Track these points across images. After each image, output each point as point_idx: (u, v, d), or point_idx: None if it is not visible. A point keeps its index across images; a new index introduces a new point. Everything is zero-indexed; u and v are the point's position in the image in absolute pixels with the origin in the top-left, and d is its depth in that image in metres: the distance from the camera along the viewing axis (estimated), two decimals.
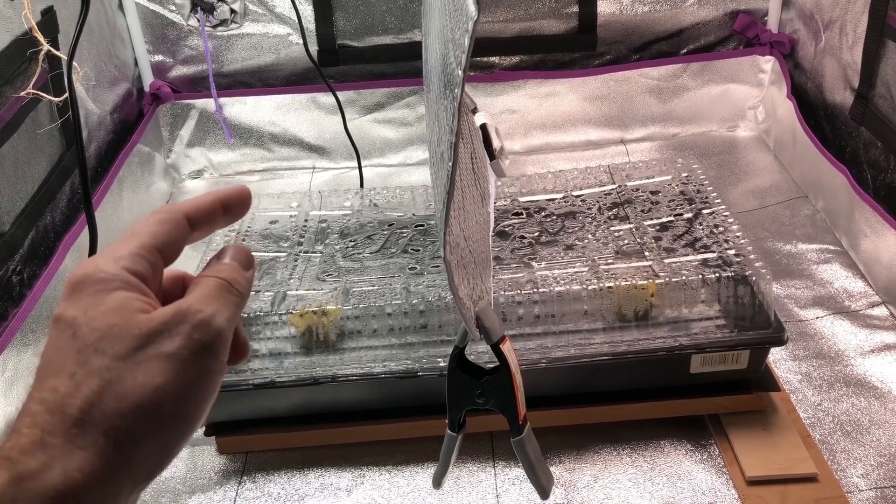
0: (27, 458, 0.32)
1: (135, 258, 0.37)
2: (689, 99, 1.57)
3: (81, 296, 0.36)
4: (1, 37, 1.01)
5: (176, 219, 0.39)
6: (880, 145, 1.16)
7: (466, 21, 0.54)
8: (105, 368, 0.34)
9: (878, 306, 1.12)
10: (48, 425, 0.32)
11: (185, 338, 0.35)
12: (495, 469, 0.93)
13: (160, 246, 0.38)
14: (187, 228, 0.40)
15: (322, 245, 1.06)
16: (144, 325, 0.35)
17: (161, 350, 0.35)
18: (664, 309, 0.92)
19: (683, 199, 1.06)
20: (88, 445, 0.32)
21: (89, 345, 0.34)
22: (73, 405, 0.33)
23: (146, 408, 0.34)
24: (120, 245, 0.38)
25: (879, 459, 0.90)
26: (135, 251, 0.37)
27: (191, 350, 0.35)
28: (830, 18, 1.32)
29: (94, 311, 0.35)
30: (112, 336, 0.34)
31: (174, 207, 0.40)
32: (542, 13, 1.52)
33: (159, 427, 0.34)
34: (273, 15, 1.51)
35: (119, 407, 0.33)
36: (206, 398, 0.36)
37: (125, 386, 0.33)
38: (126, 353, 0.34)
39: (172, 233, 0.39)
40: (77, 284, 0.36)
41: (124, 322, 0.35)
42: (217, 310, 0.37)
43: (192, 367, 0.35)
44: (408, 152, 1.59)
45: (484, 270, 0.72)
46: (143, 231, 0.38)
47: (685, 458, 0.92)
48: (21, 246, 1.03)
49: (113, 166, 1.34)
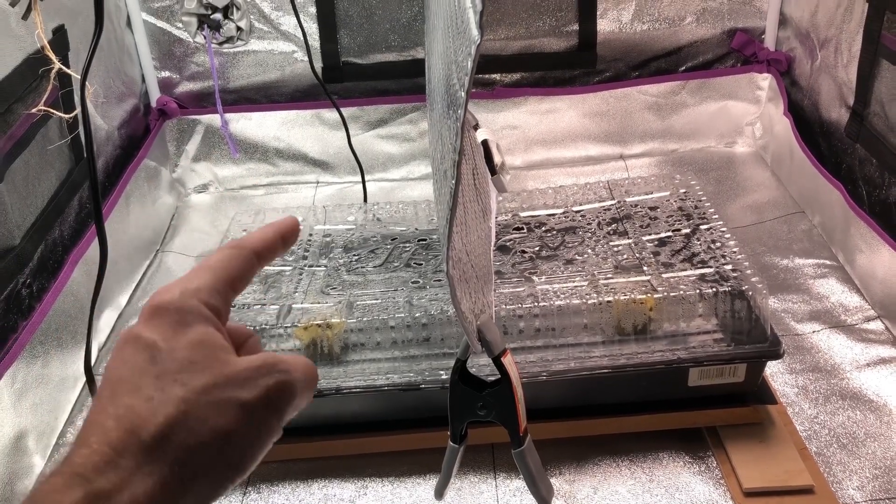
0: (100, 478, 0.32)
1: (212, 293, 0.38)
2: (688, 115, 1.59)
3: (161, 322, 0.36)
4: (14, 55, 1.04)
5: (245, 254, 0.41)
6: (875, 162, 1.18)
7: (470, 45, 0.55)
8: (183, 400, 0.34)
9: (874, 320, 1.13)
10: (121, 445, 0.33)
11: (263, 392, 0.36)
12: (496, 480, 0.94)
13: (232, 280, 0.40)
14: (255, 262, 0.41)
15: (326, 259, 1.08)
16: (228, 368, 0.36)
17: (238, 396, 0.35)
18: (662, 323, 0.93)
19: (682, 215, 1.08)
20: (155, 473, 0.33)
21: (169, 373, 0.35)
22: (149, 430, 0.33)
23: (211, 448, 0.34)
24: (196, 276, 0.39)
25: (875, 472, 0.91)
26: (212, 285, 0.38)
27: (264, 405, 0.36)
28: (826, 37, 1.34)
29: (175, 340, 0.36)
30: (193, 370, 0.35)
31: (242, 243, 0.41)
32: (543, 31, 1.55)
33: (215, 469, 0.35)
34: (278, 32, 1.53)
35: (188, 441, 0.34)
36: (261, 451, 0.37)
37: (198, 422, 0.34)
38: (205, 390, 0.35)
39: (243, 267, 0.41)
40: (156, 310, 0.37)
41: (206, 359, 0.36)
42: (300, 379, 0.38)
43: (260, 421, 0.36)
44: (410, 167, 1.61)
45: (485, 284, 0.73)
46: (218, 265, 0.40)
47: (683, 470, 0.93)
48: (31, 259, 1.05)
49: (120, 181, 1.36)
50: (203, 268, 0.40)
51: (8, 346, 0.96)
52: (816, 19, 1.38)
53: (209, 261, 0.40)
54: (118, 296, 1.28)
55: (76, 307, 1.12)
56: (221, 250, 0.41)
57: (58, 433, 1.04)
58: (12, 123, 1.03)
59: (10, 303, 0.99)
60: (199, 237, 1.47)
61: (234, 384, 0.35)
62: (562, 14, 1.53)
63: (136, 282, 1.34)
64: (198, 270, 0.40)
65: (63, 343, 1.08)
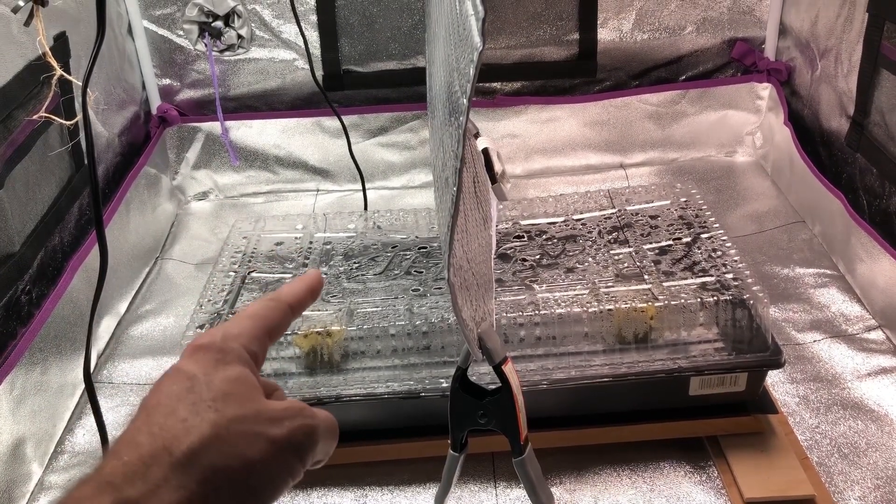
0: (129, 487, 0.34)
1: (252, 339, 0.42)
2: (688, 125, 1.60)
3: (202, 358, 0.40)
4: (15, 61, 1.04)
5: (282, 306, 0.45)
6: (875, 172, 1.18)
7: (472, 52, 0.55)
8: (215, 424, 0.36)
9: (875, 330, 1.13)
10: (152, 458, 0.35)
11: (289, 432, 0.39)
12: (497, 489, 0.94)
13: (270, 329, 0.44)
14: (289, 313, 0.46)
15: (326, 266, 1.08)
16: (261, 405, 0.38)
17: (267, 432, 0.38)
18: (663, 331, 0.93)
19: (682, 224, 1.08)
20: (183, 487, 0.35)
21: (205, 400, 0.37)
22: (180, 447, 0.35)
23: (237, 474, 0.36)
24: (237, 323, 0.43)
25: (876, 482, 0.91)
26: (251, 332, 0.42)
27: (289, 444, 0.38)
28: (826, 47, 1.35)
29: (214, 374, 0.39)
30: (228, 400, 0.37)
31: (279, 296, 0.46)
32: (544, 40, 1.55)
33: (238, 495, 0.36)
34: (279, 40, 1.54)
35: (217, 463, 0.36)
36: (280, 490, 0.39)
37: (228, 446, 0.36)
38: (237, 419, 0.37)
39: (279, 318, 0.45)
40: (198, 348, 0.40)
41: (241, 394, 0.38)
42: (321, 426, 0.41)
43: (281, 459, 0.38)
44: (411, 175, 1.61)
45: (486, 292, 0.73)
46: (257, 314, 0.44)
47: (684, 480, 0.93)
48: (30, 266, 1.05)
49: (120, 188, 1.36)
50: (244, 316, 0.44)
51: (7, 352, 0.96)
52: (816, 29, 1.39)
53: (250, 309, 0.44)
54: (118, 303, 1.28)
55: (76, 314, 1.12)
56: (260, 301, 0.45)
57: (56, 440, 1.04)
58: (13, 130, 1.03)
59: (10, 309, 0.99)
60: (198, 245, 1.47)
61: (264, 420, 0.38)
62: (562, 23, 1.54)
63: (136, 289, 1.34)
64: (239, 318, 0.43)
65: (62, 350, 1.07)
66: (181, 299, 1.32)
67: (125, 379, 1.16)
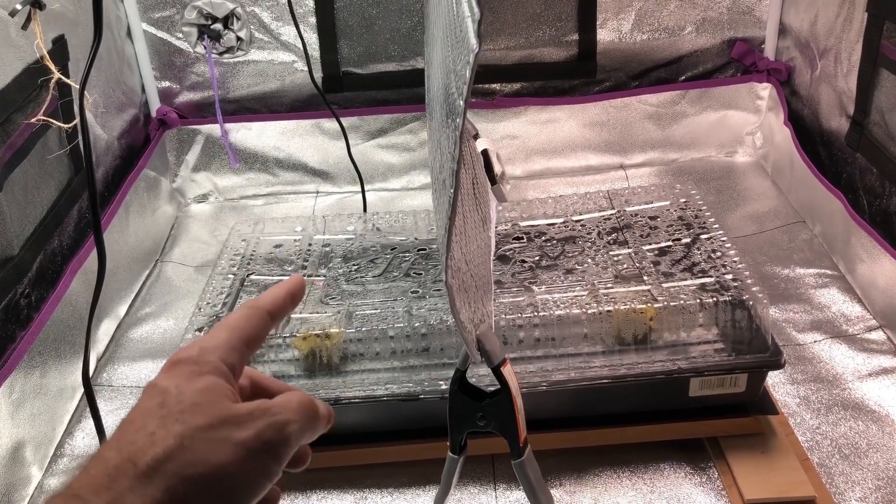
0: (95, 497, 0.35)
1: (230, 351, 0.42)
2: (688, 125, 1.60)
3: (177, 372, 0.40)
4: (14, 65, 1.04)
5: (260, 314, 0.45)
6: (875, 171, 1.18)
7: (468, 53, 0.55)
8: (181, 434, 0.37)
9: (875, 330, 1.13)
10: (117, 470, 0.36)
11: (255, 432, 0.39)
12: (496, 492, 0.93)
13: (248, 339, 0.44)
14: (269, 321, 0.46)
15: (325, 269, 1.08)
16: (226, 410, 0.39)
17: (232, 436, 0.38)
18: (663, 333, 0.93)
19: (682, 225, 1.08)
20: (147, 496, 0.35)
21: (174, 413, 0.38)
22: (145, 459, 0.36)
23: (204, 480, 0.37)
24: (215, 335, 0.43)
25: (877, 483, 0.91)
26: (228, 343, 0.43)
27: (257, 445, 0.38)
28: (826, 47, 1.35)
29: (185, 387, 0.39)
30: (196, 411, 0.38)
31: (257, 303, 0.46)
32: (543, 41, 1.55)
33: (209, 501, 0.37)
34: (278, 43, 1.54)
35: (184, 472, 0.36)
36: (255, 492, 0.39)
37: (195, 455, 0.37)
38: (204, 427, 0.37)
39: (258, 326, 0.45)
40: (176, 363, 0.41)
41: (209, 402, 0.39)
42: (293, 420, 0.41)
43: (252, 461, 0.38)
44: (410, 177, 1.61)
45: (485, 294, 0.73)
46: (235, 325, 0.44)
47: (684, 481, 0.93)
48: (29, 269, 1.05)
49: (120, 191, 1.36)
50: (222, 327, 0.44)
51: (6, 356, 0.96)
52: (816, 29, 1.38)
53: (228, 320, 0.44)
54: (117, 306, 1.27)
55: (75, 317, 1.11)
56: (239, 310, 0.45)
57: (56, 444, 1.03)
58: (11, 133, 1.03)
59: (9, 313, 0.99)
60: (198, 247, 1.47)
61: (229, 425, 0.38)
62: (561, 24, 1.54)
63: (136, 292, 1.34)
64: (217, 330, 0.44)
65: (61, 353, 1.07)
66: (181, 302, 1.32)
67: (125, 382, 1.16)
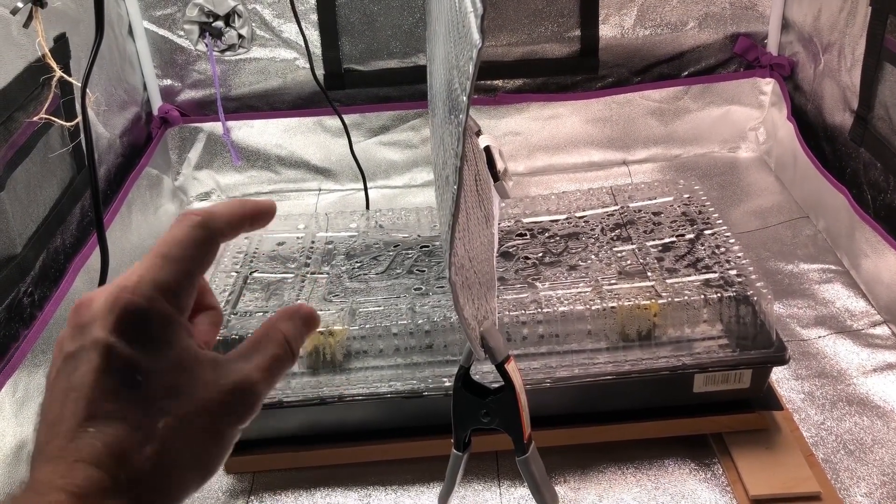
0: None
1: (180, 291, 0.36)
2: (691, 121, 1.59)
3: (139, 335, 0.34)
4: (15, 63, 1.04)
5: (212, 237, 0.38)
6: (879, 166, 1.18)
7: (471, 49, 0.55)
8: (165, 427, 0.33)
9: (880, 325, 1.13)
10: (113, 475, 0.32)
11: (237, 418, 0.36)
12: (500, 489, 0.93)
13: (198, 270, 0.37)
14: (218, 245, 0.38)
15: (328, 266, 1.08)
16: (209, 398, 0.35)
17: (215, 426, 0.35)
18: (667, 329, 0.93)
19: (685, 220, 1.08)
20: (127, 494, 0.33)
21: (154, 400, 0.34)
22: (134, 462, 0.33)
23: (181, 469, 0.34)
24: (158, 266, 0.35)
25: (882, 478, 0.90)
26: (178, 280, 0.36)
27: (237, 426, 0.36)
28: (829, 41, 1.34)
29: (157, 362, 0.34)
30: (177, 398, 0.34)
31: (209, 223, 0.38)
32: (545, 37, 1.55)
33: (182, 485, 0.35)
34: (280, 40, 1.53)
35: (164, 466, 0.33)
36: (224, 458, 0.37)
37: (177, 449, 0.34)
38: (187, 417, 0.34)
39: (208, 254, 0.38)
40: (127, 315, 0.34)
41: (189, 385, 0.35)
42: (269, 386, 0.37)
43: (230, 439, 0.36)
44: (413, 174, 1.61)
45: (488, 291, 0.73)
46: (180, 254, 0.36)
47: (689, 477, 0.93)
48: (32, 268, 1.04)
49: (122, 189, 1.36)
50: (167, 257, 0.36)
51: (9, 354, 0.96)
52: (819, 23, 1.38)
53: (169, 246, 0.36)
54: None
55: None
56: (182, 230, 0.37)
57: None
58: (14, 131, 1.03)
59: (12, 311, 0.98)
60: None
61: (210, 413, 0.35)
62: (564, 20, 1.53)
63: None
64: (162, 259, 0.36)
65: None
66: None
67: None
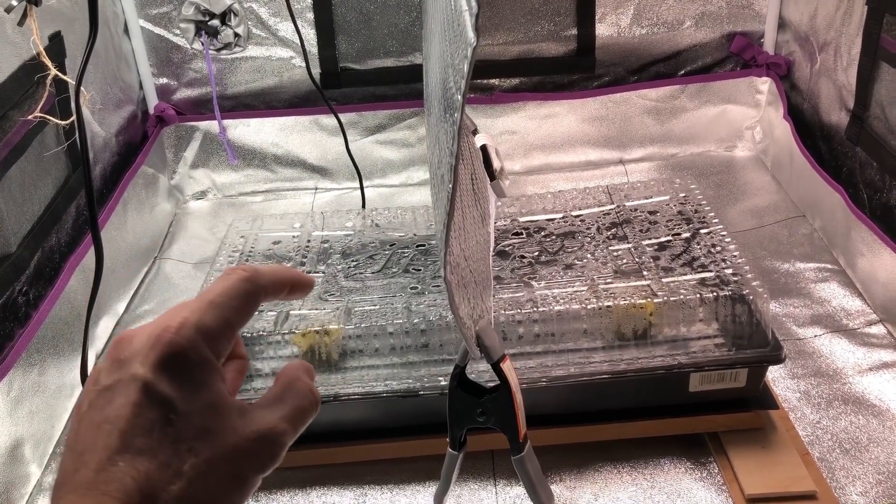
0: None
1: (220, 338, 0.37)
2: (687, 120, 1.59)
3: (175, 376, 0.35)
4: (10, 61, 1.03)
5: (256, 291, 0.39)
6: (875, 165, 1.18)
7: (466, 47, 0.55)
8: (193, 467, 0.34)
9: (876, 324, 1.13)
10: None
11: (260, 465, 0.37)
12: (496, 487, 0.93)
13: (240, 322, 0.38)
14: (260, 302, 0.39)
15: (324, 265, 1.08)
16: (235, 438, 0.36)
17: (239, 471, 0.36)
18: (663, 328, 0.93)
19: (681, 219, 1.08)
20: None
21: (185, 441, 0.35)
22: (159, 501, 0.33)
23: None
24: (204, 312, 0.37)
25: (878, 477, 0.91)
26: (220, 328, 0.37)
27: (260, 474, 0.37)
28: (825, 41, 1.34)
29: (192, 403, 0.35)
30: (207, 440, 0.35)
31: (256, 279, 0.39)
32: (542, 36, 1.55)
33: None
34: (276, 38, 1.53)
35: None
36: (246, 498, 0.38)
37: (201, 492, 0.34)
38: (214, 460, 0.35)
39: (251, 306, 0.39)
40: (169, 359, 0.35)
41: (219, 428, 0.36)
42: (293, 436, 0.38)
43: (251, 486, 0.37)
44: (409, 173, 1.61)
45: (484, 290, 0.73)
46: (225, 302, 0.38)
47: (685, 476, 0.93)
48: (27, 267, 1.04)
49: (118, 188, 1.35)
50: (212, 304, 0.37)
51: (4, 353, 0.96)
52: (815, 22, 1.38)
53: (216, 294, 0.38)
54: (116, 303, 1.27)
55: (73, 315, 1.11)
56: (229, 281, 0.38)
57: (55, 442, 1.03)
58: (8, 130, 1.03)
59: (7, 310, 0.98)
60: (197, 244, 1.47)
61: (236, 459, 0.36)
62: (560, 18, 1.53)
63: (134, 289, 1.34)
64: (207, 305, 0.37)
65: (60, 351, 1.07)
66: (179, 299, 1.30)
67: None
